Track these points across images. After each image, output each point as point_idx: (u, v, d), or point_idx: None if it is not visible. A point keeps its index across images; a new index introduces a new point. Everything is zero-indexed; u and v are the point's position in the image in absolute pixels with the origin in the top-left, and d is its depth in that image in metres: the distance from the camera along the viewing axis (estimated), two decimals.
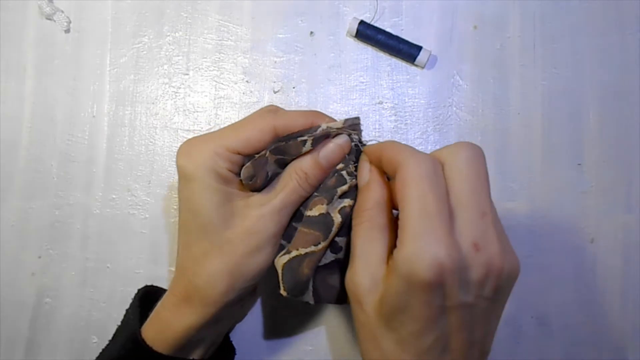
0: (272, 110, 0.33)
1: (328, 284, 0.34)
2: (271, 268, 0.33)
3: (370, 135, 0.43)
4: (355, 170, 0.33)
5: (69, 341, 0.42)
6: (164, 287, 0.42)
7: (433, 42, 0.44)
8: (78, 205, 0.43)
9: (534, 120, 0.43)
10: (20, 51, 0.44)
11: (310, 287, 0.33)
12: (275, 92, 0.44)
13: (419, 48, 0.42)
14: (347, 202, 0.32)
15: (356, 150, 0.33)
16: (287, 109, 0.43)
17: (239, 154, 0.31)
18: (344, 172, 0.33)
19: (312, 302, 0.33)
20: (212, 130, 0.44)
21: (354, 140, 0.33)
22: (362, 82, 0.44)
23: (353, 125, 0.33)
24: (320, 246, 0.32)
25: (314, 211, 0.33)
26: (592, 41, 0.43)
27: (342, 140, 0.33)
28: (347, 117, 0.33)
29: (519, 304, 0.42)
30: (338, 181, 0.33)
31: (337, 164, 0.33)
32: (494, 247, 0.26)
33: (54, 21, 0.44)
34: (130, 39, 0.44)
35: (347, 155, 0.33)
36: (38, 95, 0.44)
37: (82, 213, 0.43)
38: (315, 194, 0.33)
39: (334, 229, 0.32)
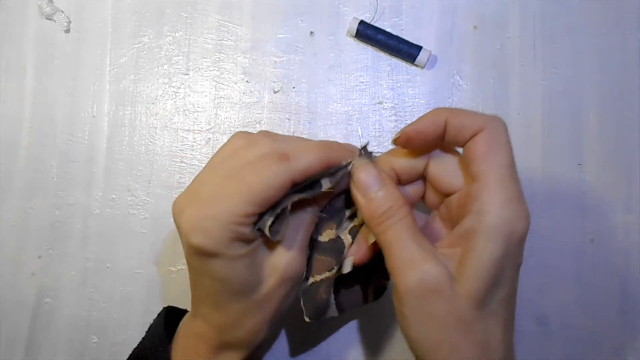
0: (282, 156, 0.29)
1: (348, 291, 0.35)
2: None
3: (370, 135, 0.43)
4: None
5: (69, 341, 0.42)
6: (164, 288, 0.42)
7: (433, 42, 0.43)
8: (78, 205, 0.43)
9: (534, 120, 0.43)
10: (20, 51, 0.44)
11: (332, 301, 0.34)
12: (275, 92, 0.44)
13: (419, 48, 0.42)
14: (356, 221, 0.33)
15: None
16: (287, 109, 0.44)
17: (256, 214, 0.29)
18: None
19: (336, 314, 0.34)
20: (212, 130, 0.44)
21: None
22: (362, 82, 0.44)
23: (368, 154, 0.32)
24: (334, 271, 0.33)
25: (324, 236, 0.33)
26: (592, 41, 0.43)
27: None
28: (360, 144, 0.32)
29: (519, 304, 0.41)
30: (346, 203, 0.33)
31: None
32: None
33: (54, 21, 0.44)
34: (130, 39, 0.44)
35: None
36: (38, 95, 0.44)
37: (82, 213, 0.43)
38: (324, 215, 0.33)
39: (346, 251, 0.33)
